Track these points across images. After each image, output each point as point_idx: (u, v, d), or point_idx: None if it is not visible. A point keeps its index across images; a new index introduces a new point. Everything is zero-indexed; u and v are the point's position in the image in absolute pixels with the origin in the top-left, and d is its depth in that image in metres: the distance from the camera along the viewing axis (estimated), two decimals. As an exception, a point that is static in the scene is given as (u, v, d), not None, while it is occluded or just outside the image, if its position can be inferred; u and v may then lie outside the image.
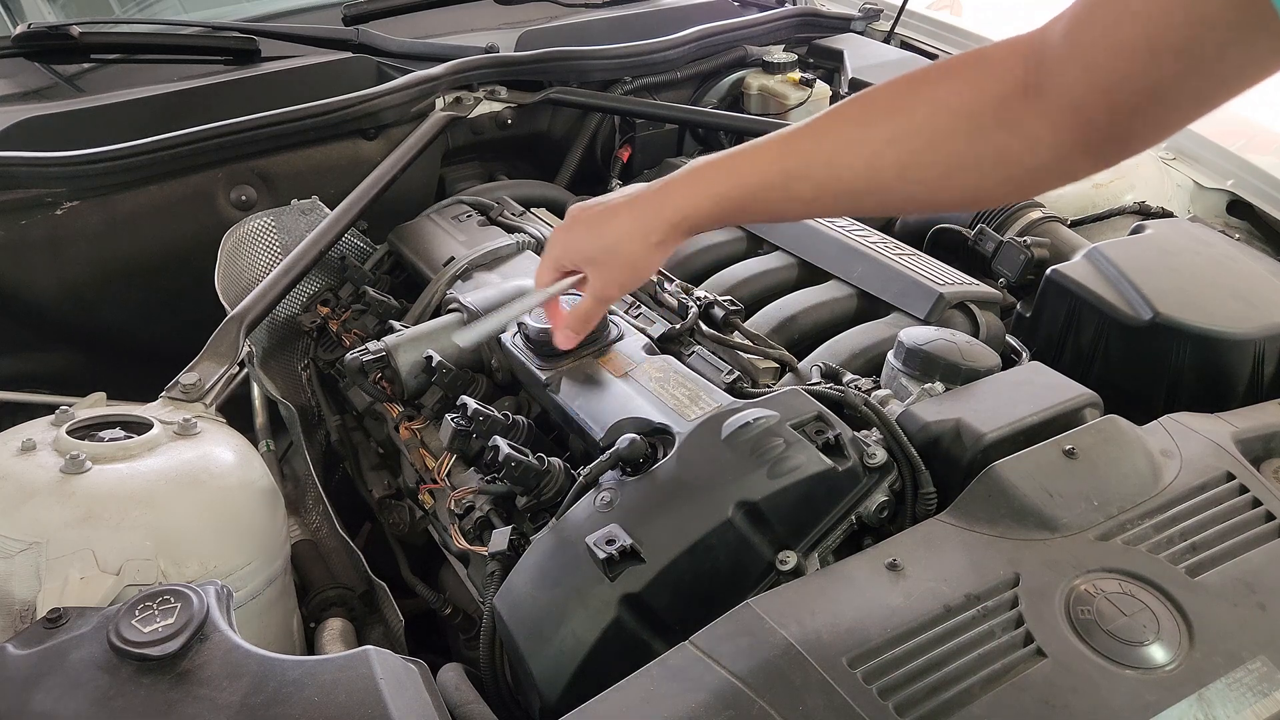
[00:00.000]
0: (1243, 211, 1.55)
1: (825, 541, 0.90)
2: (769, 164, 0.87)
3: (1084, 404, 0.98)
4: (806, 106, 1.88)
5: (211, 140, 1.51)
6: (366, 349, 1.24)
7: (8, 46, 1.72)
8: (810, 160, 0.86)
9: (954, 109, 0.80)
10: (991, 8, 4.67)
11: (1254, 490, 0.88)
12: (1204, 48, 0.66)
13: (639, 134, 1.94)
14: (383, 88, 1.62)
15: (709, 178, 0.91)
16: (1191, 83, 0.69)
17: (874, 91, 0.85)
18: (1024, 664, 0.74)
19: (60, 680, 0.74)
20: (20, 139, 1.58)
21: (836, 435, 0.92)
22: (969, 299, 1.24)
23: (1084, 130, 0.75)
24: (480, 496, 1.07)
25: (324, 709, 0.72)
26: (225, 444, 1.05)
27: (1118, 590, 0.79)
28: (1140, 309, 1.13)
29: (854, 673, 0.72)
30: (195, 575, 0.91)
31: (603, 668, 0.80)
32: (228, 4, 2.18)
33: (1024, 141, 0.78)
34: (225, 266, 1.41)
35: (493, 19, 2.06)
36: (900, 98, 0.83)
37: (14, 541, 0.88)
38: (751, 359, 1.16)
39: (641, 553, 0.85)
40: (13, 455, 0.96)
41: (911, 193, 0.84)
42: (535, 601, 0.88)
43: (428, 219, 1.59)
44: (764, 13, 2.09)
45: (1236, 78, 0.68)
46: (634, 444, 0.94)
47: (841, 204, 0.87)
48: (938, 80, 0.82)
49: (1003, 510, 0.86)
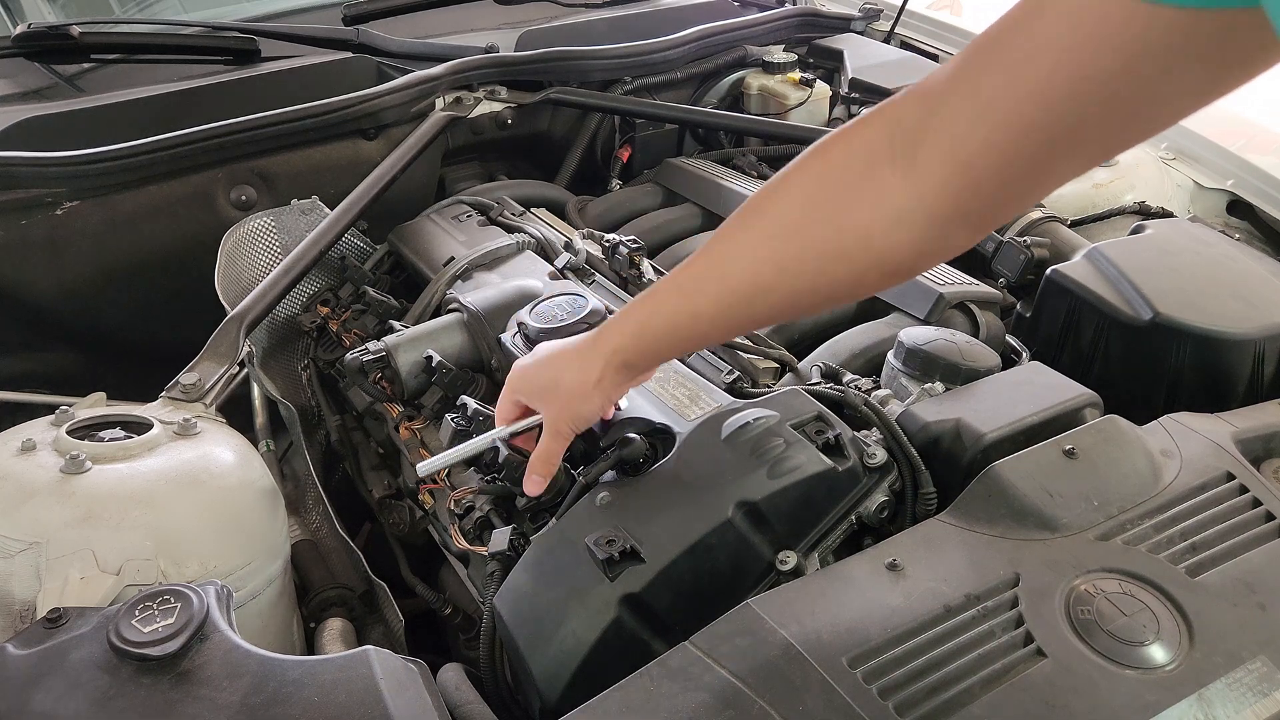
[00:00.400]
0: (1243, 211, 1.54)
1: (825, 541, 0.90)
2: (676, 289, 0.87)
3: (1084, 404, 0.98)
4: (806, 106, 1.88)
5: (211, 140, 1.51)
6: (366, 349, 1.24)
7: (8, 46, 1.72)
8: (704, 273, 0.85)
9: (812, 196, 0.78)
10: (991, 8, 4.67)
11: (1254, 490, 0.88)
12: (1135, 79, 0.62)
13: (639, 134, 1.94)
14: (383, 88, 1.62)
15: (634, 308, 0.91)
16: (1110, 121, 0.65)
17: (755, 194, 0.84)
18: (1024, 664, 0.74)
19: (60, 680, 0.74)
20: (20, 139, 1.58)
21: (836, 435, 0.92)
22: (969, 299, 1.24)
23: (967, 191, 0.70)
24: (480, 496, 1.07)
25: (324, 709, 0.72)
26: (225, 444, 1.05)
27: (1118, 590, 0.79)
28: (1140, 309, 1.13)
29: (854, 673, 0.72)
30: (195, 575, 0.91)
31: (603, 668, 0.80)
32: (228, 4, 2.18)
33: (889, 218, 0.74)
34: (225, 266, 1.41)
35: (493, 19, 2.06)
36: (771, 195, 0.82)
37: (14, 541, 0.88)
38: (751, 359, 1.16)
39: (641, 553, 0.85)
40: (13, 455, 0.96)
41: (794, 288, 0.81)
42: (535, 602, 0.88)
43: (428, 219, 1.60)
44: (764, 13, 2.09)
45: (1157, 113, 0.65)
46: (634, 444, 0.94)
47: (737, 313, 0.85)
48: (801, 168, 0.80)
49: (1003, 510, 0.86)
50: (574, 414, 0.94)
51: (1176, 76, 0.62)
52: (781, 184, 0.81)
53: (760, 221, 0.82)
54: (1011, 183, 0.70)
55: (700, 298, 0.86)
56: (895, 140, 0.72)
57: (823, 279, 0.80)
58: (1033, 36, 0.64)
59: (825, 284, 0.80)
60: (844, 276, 0.79)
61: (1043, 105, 0.64)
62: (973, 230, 0.75)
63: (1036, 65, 0.64)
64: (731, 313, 0.85)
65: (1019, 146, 0.67)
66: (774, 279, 0.81)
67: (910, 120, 0.72)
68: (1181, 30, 0.59)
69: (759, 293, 0.83)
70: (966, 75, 0.69)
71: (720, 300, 0.85)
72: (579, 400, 0.93)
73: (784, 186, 0.81)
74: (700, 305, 0.86)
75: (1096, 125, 0.65)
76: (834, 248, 0.77)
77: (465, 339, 1.29)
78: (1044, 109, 0.64)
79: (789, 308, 0.86)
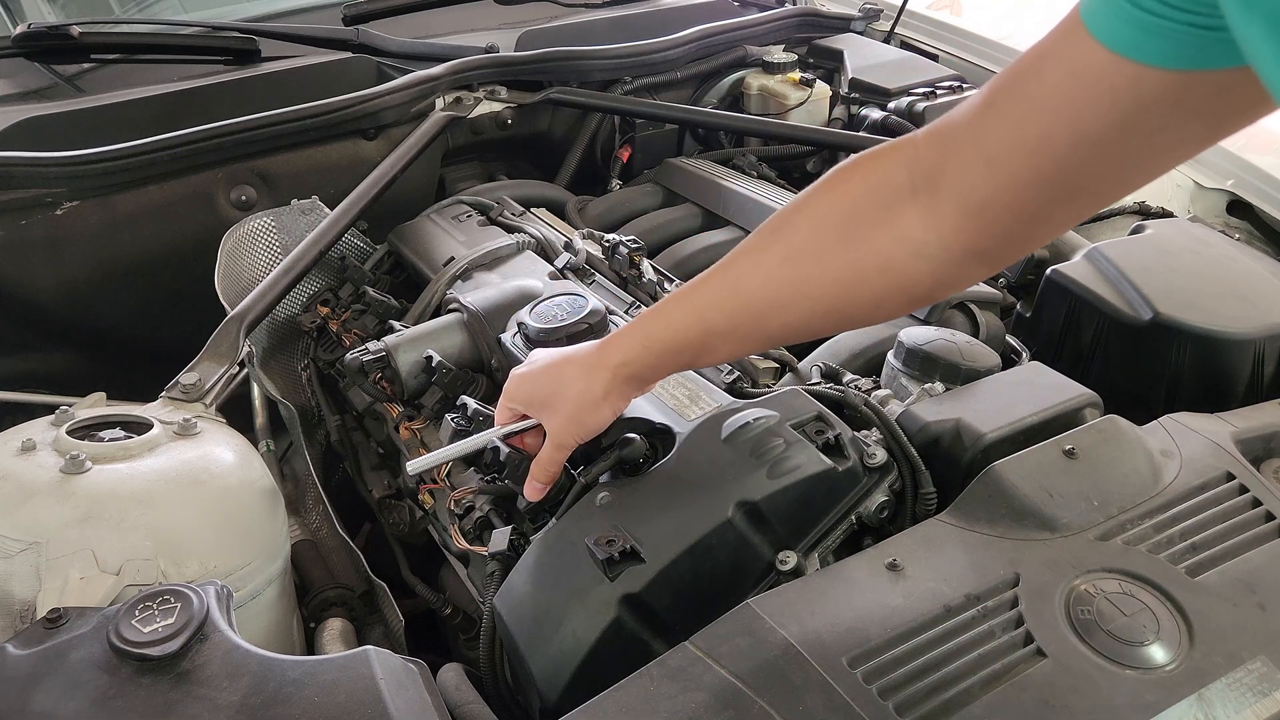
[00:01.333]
0: (1243, 211, 1.54)
1: (825, 541, 0.90)
2: (688, 303, 0.88)
3: (1084, 404, 0.98)
4: (806, 106, 1.88)
5: (211, 140, 1.51)
6: (366, 349, 1.24)
7: (8, 46, 1.72)
8: (719, 291, 0.87)
9: (831, 222, 0.81)
10: (991, 7, 4.67)
11: (1254, 490, 0.88)
12: (1134, 135, 0.64)
13: (639, 134, 1.94)
14: (383, 88, 1.62)
15: (642, 322, 0.92)
16: (1111, 172, 0.67)
17: (773, 218, 0.86)
18: (1024, 664, 0.74)
19: (60, 680, 0.74)
20: (20, 139, 1.58)
21: (836, 435, 0.92)
22: (969, 299, 1.24)
23: (981, 233, 0.74)
24: (480, 496, 1.07)
25: (324, 709, 0.72)
26: (225, 444, 1.05)
27: (1118, 590, 0.79)
28: (1140, 309, 1.13)
29: (854, 673, 0.72)
30: (195, 575, 0.91)
31: (603, 668, 0.80)
32: (228, 4, 2.18)
33: (909, 250, 0.77)
34: (225, 266, 1.41)
35: (493, 19, 2.06)
36: (790, 219, 0.84)
37: (14, 541, 0.88)
38: (751, 359, 1.16)
39: (641, 553, 0.85)
40: (13, 455, 0.96)
41: (811, 309, 0.84)
42: (535, 601, 0.88)
43: (428, 219, 1.60)
44: (764, 13, 2.09)
45: (1157, 162, 0.67)
46: (634, 444, 0.94)
47: (750, 330, 0.87)
48: (820, 197, 0.83)
49: (1003, 510, 0.86)
50: (580, 425, 0.94)
51: (1174, 130, 0.64)
52: (802, 209, 0.84)
53: (778, 244, 0.84)
54: (1021, 226, 0.74)
55: (713, 313, 0.87)
56: (916, 181, 0.76)
57: (842, 301, 0.83)
58: (1030, 95, 0.68)
59: (845, 306, 0.84)
60: (866, 300, 0.82)
61: (1047, 158, 0.68)
62: (989, 266, 0.80)
63: (1037, 122, 0.67)
64: (744, 330, 0.87)
65: (1025, 196, 0.70)
66: (791, 298, 0.83)
67: (928, 163, 0.76)
68: (1176, 89, 0.61)
69: (775, 310, 0.84)
70: (977, 125, 0.72)
71: (734, 316, 0.86)
72: (587, 412, 0.93)
73: (804, 211, 0.83)
74: (713, 321, 0.87)
75: (1096, 177, 0.68)
76: (854, 273, 0.80)
77: (465, 339, 1.29)
78: (1049, 161, 0.68)
79: (804, 328, 0.88)
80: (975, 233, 0.74)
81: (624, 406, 0.96)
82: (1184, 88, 0.61)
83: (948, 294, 0.85)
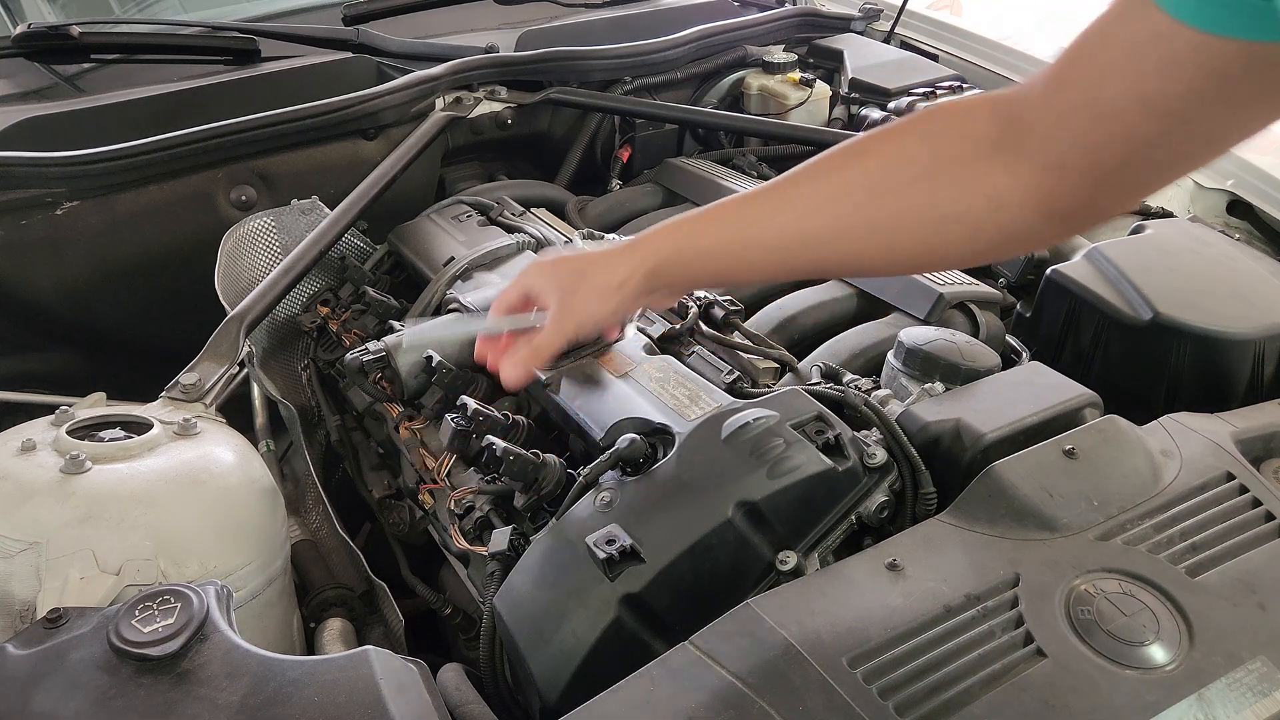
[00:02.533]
0: (1243, 211, 1.54)
1: (825, 541, 0.90)
2: (737, 213, 0.87)
3: (1084, 404, 0.98)
4: (806, 106, 1.88)
5: (211, 140, 1.51)
6: (366, 349, 1.24)
7: (8, 46, 1.71)
8: (774, 208, 0.86)
9: (918, 161, 0.80)
10: (991, 7, 4.67)
11: (1254, 490, 0.88)
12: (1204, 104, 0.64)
13: (639, 134, 1.94)
14: (383, 88, 1.62)
15: (681, 223, 0.91)
16: (1177, 142, 0.68)
17: (841, 146, 0.86)
18: (1024, 664, 0.74)
19: (60, 680, 0.74)
20: (20, 139, 1.58)
21: (836, 435, 0.92)
22: (969, 299, 1.24)
23: (1057, 193, 0.74)
24: (480, 496, 1.07)
25: (324, 709, 0.72)
26: (225, 444, 1.05)
27: (1118, 590, 0.79)
28: (1140, 309, 1.13)
29: (854, 673, 0.72)
30: (195, 575, 0.91)
31: (603, 668, 0.80)
32: (228, 4, 2.18)
33: (987, 200, 0.77)
34: (225, 266, 1.41)
35: (493, 19, 2.06)
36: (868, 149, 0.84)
37: (14, 541, 0.88)
38: (751, 359, 1.16)
39: (641, 553, 0.85)
40: (13, 455, 0.96)
41: (874, 245, 0.83)
42: (535, 601, 0.88)
43: (428, 219, 1.59)
44: (764, 13, 2.09)
45: (1223, 137, 0.67)
46: (634, 444, 0.94)
47: (798, 254, 0.86)
48: (905, 132, 0.82)
49: (1002, 510, 0.86)
50: (584, 311, 0.92)
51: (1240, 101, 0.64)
52: (885, 143, 0.83)
53: (853, 173, 0.83)
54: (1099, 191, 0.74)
55: (762, 228, 0.85)
56: (1005, 134, 0.76)
57: (909, 240, 0.83)
58: (1097, 63, 0.69)
59: (911, 246, 0.83)
60: (935, 244, 0.82)
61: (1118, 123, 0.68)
62: (1063, 227, 0.80)
63: (1105, 88, 0.68)
64: (790, 252, 0.86)
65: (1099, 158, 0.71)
66: (851, 229, 0.83)
67: (1016, 118, 0.76)
68: (1243, 57, 0.61)
69: (831, 238, 0.84)
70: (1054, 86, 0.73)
71: (785, 235, 0.85)
72: (596, 299, 0.91)
73: (887, 145, 0.83)
74: (760, 235, 0.85)
75: (1166, 146, 0.68)
76: (930, 216, 0.80)
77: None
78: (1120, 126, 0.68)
79: (853, 263, 0.88)
80: (1051, 191, 0.75)
81: (634, 308, 0.93)
82: (1251, 56, 0.61)
83: (1015, 253, 0.85)
